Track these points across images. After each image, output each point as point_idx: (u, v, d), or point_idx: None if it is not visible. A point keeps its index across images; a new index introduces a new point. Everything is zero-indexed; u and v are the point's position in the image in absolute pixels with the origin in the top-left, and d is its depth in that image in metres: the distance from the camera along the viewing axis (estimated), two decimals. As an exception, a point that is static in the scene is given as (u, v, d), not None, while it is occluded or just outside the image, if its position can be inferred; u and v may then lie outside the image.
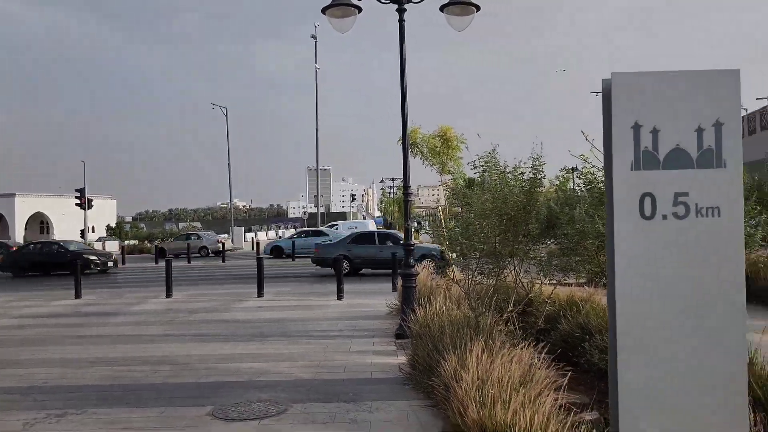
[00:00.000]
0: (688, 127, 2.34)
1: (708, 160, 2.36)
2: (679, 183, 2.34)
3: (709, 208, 2.34)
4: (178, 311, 13.64)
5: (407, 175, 9.86)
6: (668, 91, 2.33)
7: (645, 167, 2.34)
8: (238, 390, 6.88)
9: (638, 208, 2.32)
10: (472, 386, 4.75)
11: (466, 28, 10.16)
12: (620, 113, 2.32)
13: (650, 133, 2.33)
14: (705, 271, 2.34)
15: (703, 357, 2.33)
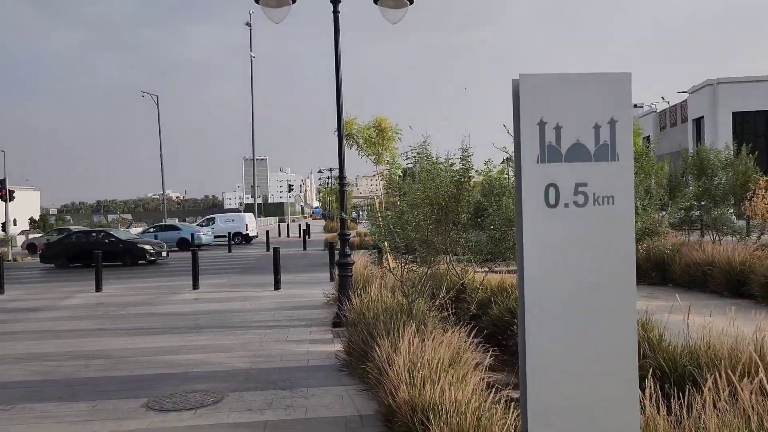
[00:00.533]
0: (586, 124, 2.59)
1: (604, 154, 2.62)
2: (579, 174, 2.60)
3: (604, 197, 2.61)
4: (110, 305, 13.34)
5: (342, 165, 10.00)
6: (569, 92, 2.58)
7: (549, 160, 2.58)
8: (174, 381, 6.88)
9: (543, 197, 2.56)
10: (404, 369, 4.97)
11: (399, 21, 10.36)
12: (527, 111, 2.55)
13: (554, 129, 2.57)
14: (601, 253, 2.61)
15: (599, 330, 2.60)
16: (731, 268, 11.50)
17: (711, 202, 15.36)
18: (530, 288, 2.52)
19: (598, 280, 2.59)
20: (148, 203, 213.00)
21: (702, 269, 12.18)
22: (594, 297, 2.59)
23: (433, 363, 4.97)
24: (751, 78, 42.28)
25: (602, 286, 2.60)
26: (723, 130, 40.72)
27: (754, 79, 42.13)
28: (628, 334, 2.64)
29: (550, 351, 2.55)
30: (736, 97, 41.35)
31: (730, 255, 11.88)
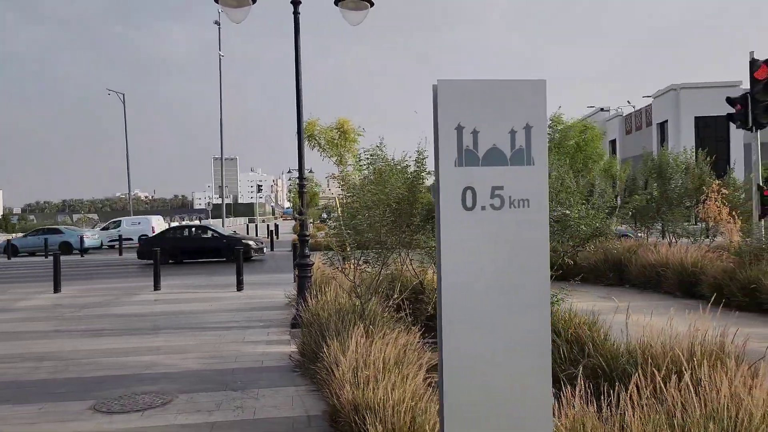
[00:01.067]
0: (503, 129, 2.67)
1: (519, 158, 2.70)
2: (496, 178, 2.68)
3: (520, 200, 2.69)
4: (68, 306, 13.11)
5: (302, 165, 10.01)
6: (487, 98, 2.66)
7: (467, 164, 2.66)
8: (124, 383, 6.82)
9: (461, 200, 2.63)
10: (349, 369, 5.02)
11: (361, 23, 10.42)
12: (445, 116, 2.62)
13: (471, 134, 2.64)
14: (517, 254, 2.70)
15: (514, 329, 2.69)
16: (683, 270, 11.83)
17: (666, 204, 15.74)
18: (447, 288, 2.60)
19: (514, 281, 2.68)
20: (115, 203, 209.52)
21: (656, 270, 12.49)
22: (509, 296, 2.68)
23: (378, 363, 5.02)
24: (712, 84, 43.39)
25: (517, 287, 2.68)
26: (685, 134, 41.75)
27: (716, 85, 43.23)
28: (542, 332, 2.73)
29: (466, 349, 2.62)
30: (698, 102, 42.40)
31: (683, 257, 12.21)
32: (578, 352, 6.03)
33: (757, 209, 11.79)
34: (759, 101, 11.46)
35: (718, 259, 11.93)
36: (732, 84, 39.04)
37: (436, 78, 2.75)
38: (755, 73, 11.41)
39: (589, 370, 5.72)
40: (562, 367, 5.91)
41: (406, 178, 7.01)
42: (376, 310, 7.13)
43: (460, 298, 2.60)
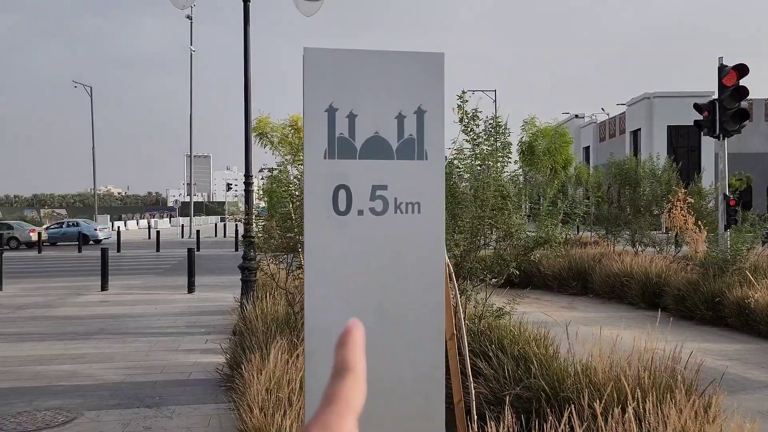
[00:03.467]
0: (388, 113, 2.13)
1: (409, 151, 2.16)
2: (378, 175, 2.13)
3: (409, 203, 2.15)
4: (4, 306, 12.31)
5: (249, 162, 9.44)
6: (368, 73, 2.11)
7: (340, 156, 2.10)
8: (29, 396, 6.17)
9: (332, 201, 2.09)
10: (262, 389, 4.45)
11: (314, 14, 9.88)
12: (313, 94, 2.07)
13: (346, 117, 2.10)
14: (405, 271, 2.17)
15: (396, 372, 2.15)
16: (647, 280, 11.47)
17: (634, 212, 15.42)
18: (311, 311, 2.05)
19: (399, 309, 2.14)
20: (87, 198, 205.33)
21: (621, 280, 12.12)
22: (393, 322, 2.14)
23: (294, 382, 4.47)
24: (685, 93, 43.62)
25: (404, 310, 2.15)
26: (658, 143, 41.84)
27: (688, 94, 43.48)
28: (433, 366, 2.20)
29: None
30: (671, 111, 42.58)
31: (648, 267, 11.86)
32: (524, 372, 5.54)
33: (723, 219, 11.47)
34: (726, 108, 11.14)
35: (683, 270, 11.59)
36: (705, 94, 39.20)
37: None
38: (723, 78, 11.09)
39: (534, 391, 5.23)
40: (506, 387, 5.41)
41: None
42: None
43: (327, 324, 2.06)
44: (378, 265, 2.13)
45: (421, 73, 2.13)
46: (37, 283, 16.86)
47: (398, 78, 2.12)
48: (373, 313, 2.10)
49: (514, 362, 5.69)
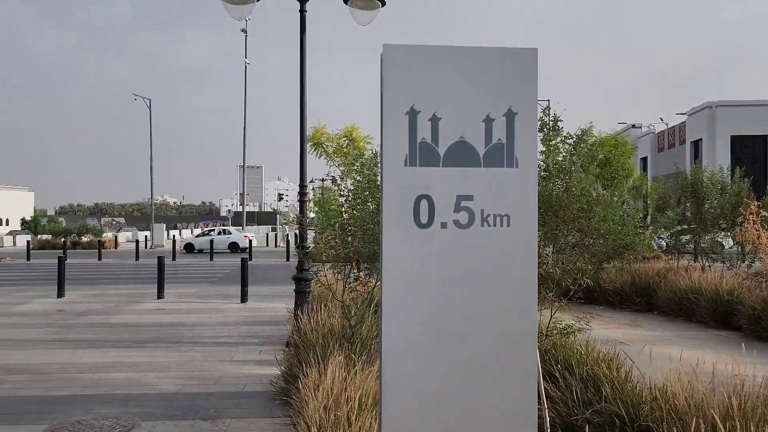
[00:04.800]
0: (474, 115, 1.91)
1: (497, 158, 1.94)
2: (463, 184, 1.91)
3: (497, 215, 1.92)
4: (65, 313, 12.62)
5: (304, 173, 9.37)
6: (453, 71, 1.90)
7: (422, 163, 1.90)
8: (88, 405, 6.18)
9: (413, 213, 1.88)
10: (320, 406, 4.28)
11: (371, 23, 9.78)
12: (393, 95, 1.87)
13: (429, 121, 1.89)
14: (491, 290, 1.94)
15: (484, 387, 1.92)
16: (718, 298, 10.83)
17: (701, 225, 14.68)
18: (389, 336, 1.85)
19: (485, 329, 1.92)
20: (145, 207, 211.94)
21: (688, 297, 11.50)
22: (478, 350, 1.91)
23: (354, 402, 4.28)
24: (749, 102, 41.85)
25: (490, 337, 1.92)
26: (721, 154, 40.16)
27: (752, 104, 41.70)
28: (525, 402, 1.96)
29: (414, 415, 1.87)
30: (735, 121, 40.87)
31: (718, 284, 11.21)
32: (594, 394, 5.19)
33: (802, 234, 10.74)
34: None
35: (757, 287, 10.89)
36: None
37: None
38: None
39: (606, 416, 4.89)
40: (575, 410, 5.08)
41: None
42: (369, 333, 6.38)
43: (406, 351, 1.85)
44: (462, 285, 1.92)
45: (512, 71, 1.92)
46: (96, 289, 17.29)
47: (486, 76, 1.91)
48: (456, 338, 1.89)
49: (582, 384, 5.35)
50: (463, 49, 1.90)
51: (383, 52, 1.88)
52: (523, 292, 1.93)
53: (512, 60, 1.92)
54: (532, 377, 1.95)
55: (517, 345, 1.94)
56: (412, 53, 1.88)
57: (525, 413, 1.92)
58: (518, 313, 1.93)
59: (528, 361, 1.95)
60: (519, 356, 1.94)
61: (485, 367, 1.92)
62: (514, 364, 1.94)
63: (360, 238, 6.05)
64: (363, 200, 6.05)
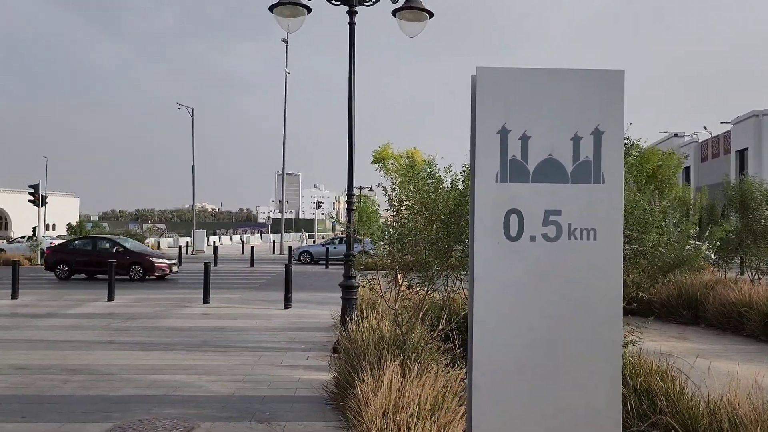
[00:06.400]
0: (563, 134, 2.02)
1: (585, 174, 2.04)
2: (551, 199, 2.02)
3: (584, 229, 2.02)
4: (116, 316, 13.05)
5: (351, 181, 9.55)
6: (542, 92, 2.02)
7: (512, 179, 2.02)
8: (148, 405, 6.43)
9: (503, 226, 2.00)
10: (379, 411, 4.40)
11: (418, 34, 9.93)
12: (485, 115, 2.00)
13: (519, 139, 2.01)
14: (577, 301, 2.03)
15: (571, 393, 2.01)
16: (770, 311, 10.59)
17: (751, 237, 14.35)
18: (480, 343, 1.96)
19: (571, 339, 2.01)
20: (184, 214, 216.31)
21: (738, 310, 11.27)
22: (564, 359, 2.01)
23: (412, 407, 4.38)
24: (798, 110, 40.59)
25: (576, 346, 2.01)
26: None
27: (802, 112, 40.44)
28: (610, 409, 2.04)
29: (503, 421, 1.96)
30: (784, 130, 39.67)
31: (770, 297, 10.96)
32: (648, 406, 5.19)
33: None
34: None
35: (811, 301, 10.62)
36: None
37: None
38: None
39: (662, 429, 4.89)
40: (629, 422, 5.08)
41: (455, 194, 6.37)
42: (420, 340, 6.48)
43: (495, 358, 1.96)
44: (550, 296, 2.02)
45: (599, 92, 2.02)
46: (142, 293, 17.79)
47: (574, 97, 2.02)
48: (544, 344, 1.99)
49: (636, 396, 5.35)
50: (552, 71, 2.01)
51: (477, 74, 2.00)
52: (609, 302, 2.02)
53: (599, 81, 2.02)
54: (617, 383, 2.04)
55: (603, 352, 2.03)
56: (504, 75, 1.99)
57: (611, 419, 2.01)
58: (605, 322, 2.02)
59: (614, 368, 2.03)
60: (605, 363, 2.03)
61: (572, 372, 2.01)
62: (600, 371, 2.03)
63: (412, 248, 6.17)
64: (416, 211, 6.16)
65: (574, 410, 2.01)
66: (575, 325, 2.03)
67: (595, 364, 2.03)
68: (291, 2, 9.25)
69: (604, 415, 2.02)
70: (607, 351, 2.04)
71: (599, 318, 2.03)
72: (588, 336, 2.03)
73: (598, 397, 2.02)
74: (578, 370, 2.03)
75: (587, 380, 2.03)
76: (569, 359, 2.02)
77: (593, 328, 2.03)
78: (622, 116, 2.05)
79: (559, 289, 2.02)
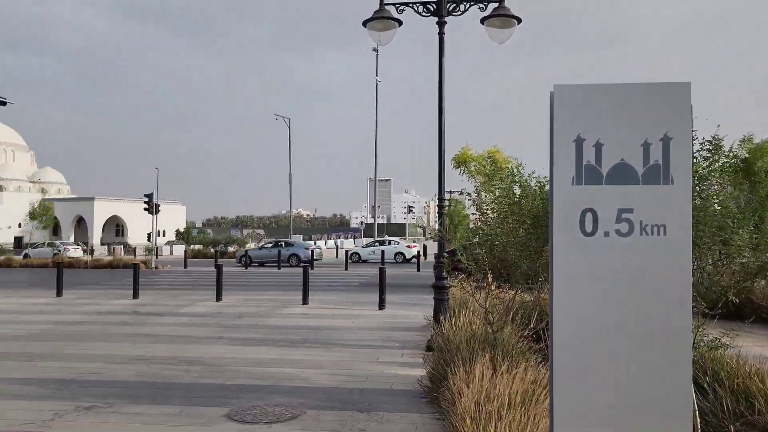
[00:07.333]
0: (633, 141, 2.26)
1: (654, 176, 2.27)
2: (623, 199, 2.27)
3: (654, 225, 2.25)
4: (225, 315, 14.06)
5: (442, 185, 9.87)
6: (613, 104, 2.27)
7: (587, 182, 2.28)
8: (260, 393, 7.05)
9: (579, 223, 2.26)
10: (471, 402, 4.70)
11: (507, 41, 10.12)
12: (562, 126, 2.28)
13: (593, 147, 2.27)
14: (648, 291, 2.25)
15: (643, 380, 2.24)
16: None
17: None
18: (560, 329, 2.24)
19: (644, 322, 2.24)
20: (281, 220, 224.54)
21: None
22: (637, 342, 2.24)
23: (503, 398, 4.65)
24: None
25: (648, 329, 2.24)
26: None
27: None
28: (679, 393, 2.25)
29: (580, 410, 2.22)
30: None
31: None
32: (746, 408, 5.16)
33: None
34: None
35: None
36: None
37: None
38: None
39: (759, 428, 4.86)
40: (725, 422, 5.08)
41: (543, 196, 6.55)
42: (510, 339, 6.70)
43: (576, 348, 2.23)
44: (623, 284, 2.27)
45: (667, 103, 2.26)
46: (246, 294, 18.93)
47: (643, 108, 2.27)
48: (618, 332, 2.24)
49: (733, 397, 5.32)
50: (622, 86, 2.28)
51: (554, 91, 2.31)
52: (679, 293, 2.25)
53: (667, 93, 2.26)
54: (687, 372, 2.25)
55: (674, 341, 2.25)
56: (578, 91, 2.28)
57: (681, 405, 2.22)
58: (675, 312, 2.25)
59: (683, 356, 2.25)
60: (675, 351, 2.25)
61: (645, 360, 2.25)
62: (670, 359, 2.25)
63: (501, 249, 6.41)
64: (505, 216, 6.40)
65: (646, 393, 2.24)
66: (646, 312, 2.26)
67: (666, 349, 2.25)
68: (383, 17, 9.73)
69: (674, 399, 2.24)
70: (677, 337, 2.25)
71: (670, 305, 2.25)
72: (659, 321, 2.25)
73: (668, 382, 2.24)
74: (651, 354, 2.25)
75: (659, 365, 2.25)
76: (643, 344, 2.26)
77: (664, 315, 2.25)
78: (690, 123, 2.27)
79: (632, 278, 2.26)
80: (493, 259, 6.53)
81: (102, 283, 24.58)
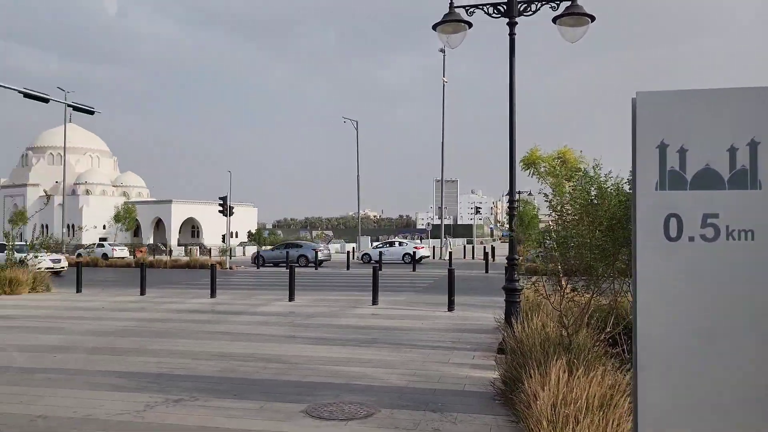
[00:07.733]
0: (719, 146, 2.24)
1: (741, 181, 2.23)
2: (709, 204, 2.24)
3: (741, 230, 2.22)
4: (298, 314, 14.45)
5: (513, 185, 9.81)
6: (697, 110, 2.25)
7: (671, 187, 2.27)
8: (335, 391, 7.25)
9: (663, 228, 2.26)
10: (547, 404, 4.70)
11: (579, 39, 9.96)
12: (645, 133, 2.28)
13: (677, 152, 2.26)
14: (735, 296, 2.23)
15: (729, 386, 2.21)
16: None
17: None
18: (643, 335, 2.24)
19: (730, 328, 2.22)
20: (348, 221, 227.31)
21: None
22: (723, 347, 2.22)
23: (580, 402, 4.62)
24: None
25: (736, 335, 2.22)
26: None
27: None
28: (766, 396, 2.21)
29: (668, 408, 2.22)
30: None
31: None
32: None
33: None
34: None
35: None
36: None
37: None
38: None
39: None
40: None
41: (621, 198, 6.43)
42: (585, 343, 6.61)
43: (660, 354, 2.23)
44: (709, 291, 2.26)
45: (754, 108, 2.23)
46: (317, 295, 19.36)
47: (729, 113, 2.25)
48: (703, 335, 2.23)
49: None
50: (706, 92, 2.27)
51: (636, 98, 2.33)
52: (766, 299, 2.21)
53: (753, 97, 2.23)
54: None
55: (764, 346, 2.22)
56: (661, 98, 2.29)
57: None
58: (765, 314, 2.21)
59: None
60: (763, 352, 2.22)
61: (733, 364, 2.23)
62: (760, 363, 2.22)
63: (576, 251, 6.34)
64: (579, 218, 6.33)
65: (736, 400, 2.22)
66: (733, 317, 2.24)
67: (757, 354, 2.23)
68: (453, 20, 9.78)
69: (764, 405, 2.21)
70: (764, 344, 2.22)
71: (758, 310, 2.22)
72: (746, 326, 2.23)
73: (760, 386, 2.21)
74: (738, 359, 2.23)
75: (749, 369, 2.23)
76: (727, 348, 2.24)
77: (751, 320, 2.22)
78: (778, 128, 2.23)
79: (719, 283, 2.24)
80: (567, 261, 6.46)
81: (181, 282, 25.73)
